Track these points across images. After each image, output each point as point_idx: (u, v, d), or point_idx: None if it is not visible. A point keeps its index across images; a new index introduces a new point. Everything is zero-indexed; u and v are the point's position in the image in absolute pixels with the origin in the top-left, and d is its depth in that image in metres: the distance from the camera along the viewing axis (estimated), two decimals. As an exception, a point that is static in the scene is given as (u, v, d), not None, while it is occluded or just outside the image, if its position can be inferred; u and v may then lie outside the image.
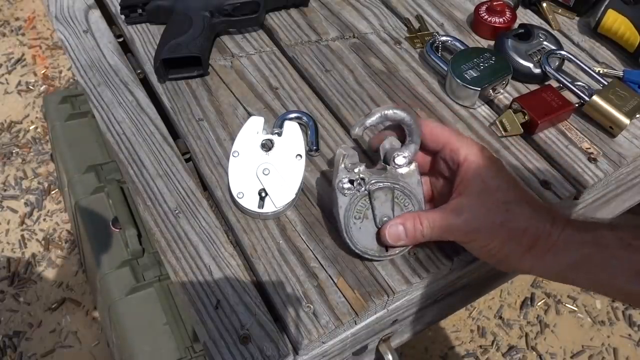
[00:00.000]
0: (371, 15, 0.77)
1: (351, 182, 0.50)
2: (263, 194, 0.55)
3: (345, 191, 0.50)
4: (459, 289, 0.62)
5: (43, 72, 1.88)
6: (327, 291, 0.50)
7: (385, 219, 0.50)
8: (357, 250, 0.51)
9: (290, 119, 0.62)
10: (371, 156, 0.61)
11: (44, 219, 1.51)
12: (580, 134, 0.63)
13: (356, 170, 0.50)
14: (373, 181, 0.50)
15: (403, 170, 0.51)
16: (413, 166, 0.51)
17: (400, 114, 0.50)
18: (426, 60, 0.71)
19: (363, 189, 0.50)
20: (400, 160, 0.50)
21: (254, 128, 0.58)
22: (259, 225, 0.55)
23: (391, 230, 0.49)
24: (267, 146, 0.58)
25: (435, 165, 0.53)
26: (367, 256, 0.51)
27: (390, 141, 0.52)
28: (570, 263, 0.45)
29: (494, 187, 0.47)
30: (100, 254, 0.84)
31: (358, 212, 0.50)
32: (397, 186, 0.50)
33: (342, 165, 0.50)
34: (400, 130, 0.53)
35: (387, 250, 0.51)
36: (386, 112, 0.50)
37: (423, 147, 0.52)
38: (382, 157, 0.52)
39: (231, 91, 0.67)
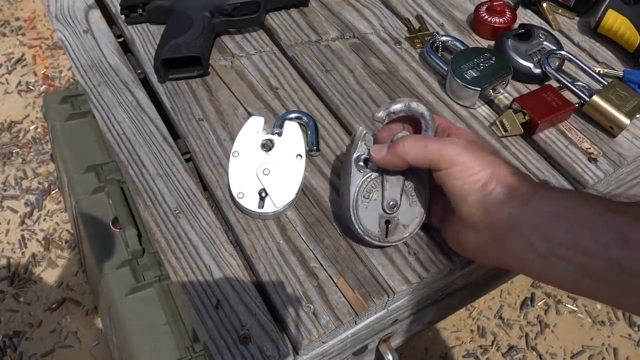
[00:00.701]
0: (371, 15, 0.77)
1: (365, 162, 0.52)
2: (263, 194, 0.55)
3: (361, 168, 0.51)
4: (459, 289, 0.62)
5: (43, 72, 1.88)
6: (327, 291, 0.50)
7: (392, 202, 0.51)
8: (359, 230, 0.51)
9: (291, 119, 0.62)
10: None
11: (44, 219, 1.51)
12: (580, 134, 0.63)
13: None
14: None
15: None
16: None
17: (422, 107, 0.52)
18: (426, 60, 0.71)
19: (377, 169, 0.51)
20: None
21: (254, 128, 0.58)
22: (259, 225, 0.55)
23: (376, 146, 0.50)
24: (267, 146, 0.58)
25: None
26: (367, 238, 0.51)
27: (403, 135, 0.53)
28: (553, 212, 0.42)
29: (482, 145, 0.50)
30: (100, 254, 0.84)
31: (368, 192, 0.51)
32: (409, 172, 0.51)
33: (363, 142, 0.52)
34: (410, 126, 0.54)
35: (386, 236, 0.51)
36: (410, 103, 0.52)
37: None
38: None
39: (231, 91, 0.67)
